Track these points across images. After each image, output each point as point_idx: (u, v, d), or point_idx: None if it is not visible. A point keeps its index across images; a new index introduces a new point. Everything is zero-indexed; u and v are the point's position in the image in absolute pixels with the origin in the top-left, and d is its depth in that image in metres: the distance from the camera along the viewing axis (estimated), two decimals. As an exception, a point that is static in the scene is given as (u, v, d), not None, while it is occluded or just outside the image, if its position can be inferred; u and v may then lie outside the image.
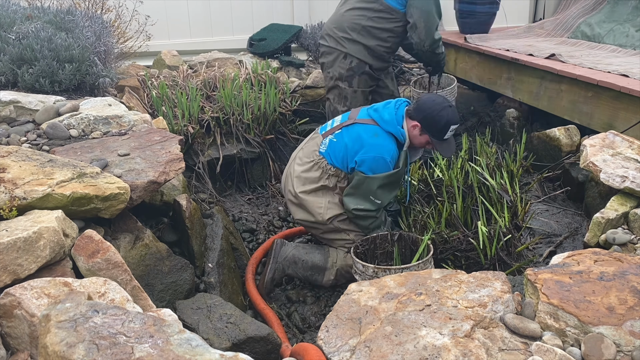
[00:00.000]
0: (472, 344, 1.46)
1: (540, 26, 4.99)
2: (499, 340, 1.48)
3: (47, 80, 3.08)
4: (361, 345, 1.51)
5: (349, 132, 2.81)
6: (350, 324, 1.60)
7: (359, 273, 2.57)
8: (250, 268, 3.01)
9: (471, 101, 4.66)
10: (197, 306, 2.08)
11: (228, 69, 4.43)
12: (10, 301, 1.48)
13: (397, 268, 2.47)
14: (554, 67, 3.48)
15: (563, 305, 1.56)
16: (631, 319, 1.49)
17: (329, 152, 2.82)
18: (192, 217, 2.51)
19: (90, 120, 2.69)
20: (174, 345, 1.21)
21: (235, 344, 1.95)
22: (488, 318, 1.56)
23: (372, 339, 1.52)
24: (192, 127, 3.74)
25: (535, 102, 3.76)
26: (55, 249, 1.67)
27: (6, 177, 1.88)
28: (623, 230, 2.20)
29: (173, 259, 2.24)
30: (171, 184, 2.68)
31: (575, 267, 1.76)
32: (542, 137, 3.37)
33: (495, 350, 1.45)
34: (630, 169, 2.38)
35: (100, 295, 1.56)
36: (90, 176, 2.00)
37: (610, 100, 3.10)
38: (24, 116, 2.81)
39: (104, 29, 3.61)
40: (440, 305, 1.62)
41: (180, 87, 4.05)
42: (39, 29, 3.18)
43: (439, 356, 1.43)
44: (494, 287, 1.67)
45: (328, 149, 2.83)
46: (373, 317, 1.61)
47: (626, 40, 4.16)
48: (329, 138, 2.85)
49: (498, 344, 1.47)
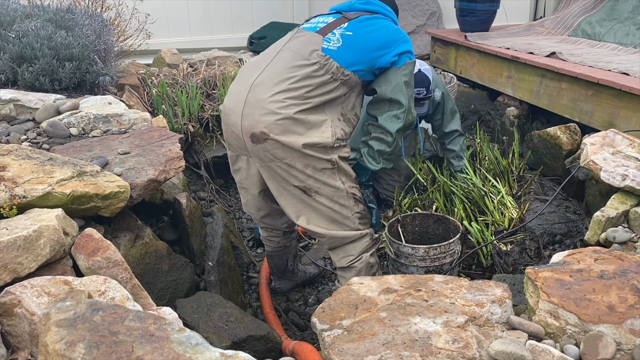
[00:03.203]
0: (464, 333, 1.47)
1: (540, 24, 4.98)
2: (492, 337, 1.49)
3: (47, 78, 3.08)
4: (354, 324, 1.54)
5: (363, 24, 2.27)
6: (347, 308, 1.63)
7: (405, 256, 2.50)
8: (264, 274, 2.95)
9: (471, 99, 4.65)
10: (197, 305, 2.08)
11: (228, 67, 4.43)
12: (11, 300, 1.48)
13: (444, 244, 2.48)
14: (555, 66, 3.48)
15: (563, 304, 1.56)
16: (631, 318, 1.49)
17: (342, 51, 2.19)
18: (192, 215, 2.51)
19: (90, 118, 2.69)
20: (174, 344, 1.21)
21: (236, 343, 1.95)
22: (484, 317, 1.56)
23: (365, 321, 1.55)
24: (192, 126, 3.74)
25: (536, 100, 3.76)
26: (55, 247, 1.67)
27: (6, 176, 1.88)
28: (623, 229, 2.20)
29: (173, 258, 2.24)
30: (171, 183, 2.67)
31: (575, 265, 1.76)
32: (542, 136, 3.37)
33: (487, 344, 1.46)
34: (630, 167, 2.38)
35: (101, 294, 1.56)
36: (91, 175, 2.00)
37: (611, 99, 3.10)
38: (24, 115, 2.81)
39: (104, 27, 3.61)
40: (438, 301, 1.63)
41: (180, 86, 4.05)
42: (39, 27, 3.18)
43: (429, 339, 1.45)
44: (494, 293, 1.67)
45: (343, 46, 2.19)
46: (370, 305, 1.64)
47: (627, 39, 4.15)
48: (340, 32, 2.22)
49: (491, 340, 1.48)
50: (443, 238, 2.72)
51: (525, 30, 4.90)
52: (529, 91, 3.81)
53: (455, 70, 4.68)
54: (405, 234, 2.77)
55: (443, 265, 2.52)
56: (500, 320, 1.58)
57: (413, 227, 2.81)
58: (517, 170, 3.41)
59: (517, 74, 3.92)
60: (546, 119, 3.90)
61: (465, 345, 1.43)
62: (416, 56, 6.31)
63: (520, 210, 2.94)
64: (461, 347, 1.42)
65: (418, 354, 1.39)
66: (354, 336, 1.49)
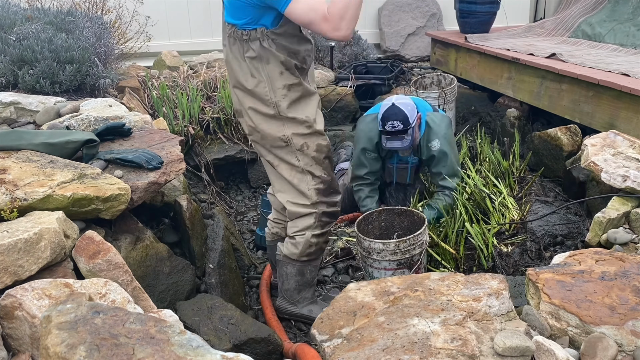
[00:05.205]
0: (462, 331, 1.47)
1: (540, 25, 4.98)
2: (491, 331, 1.49)
3: (48, 81, 3.08)
4: (353, 332, 1.54)
5: None
6: (345, 316, 1.63)
7: (377, 252, 2.57)
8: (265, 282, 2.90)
9: (472, 101, 4.66)
10: (198, 307, 2.08)
11: (228, 69, 4.43)
12: (12, 302, 1.48)
13: (413, 236, 2.54)
14: (555, 67, 3.48)
15: (565, 305, 1.56)
16: (633, 319, 1.49)
17: None
18: (192, 217, 2.51)
19: (91, 121, 2.69)
20: (175, 346, 1.21)
21: (236, 345, 1.95)
22: (482, 312, 1.56)
23: (364, 327, 1.55)
24: (193, 128, 3.74)
25: (536, 101, 3.76)
26: (56, 250, 1.67)
27: (7, 179, 1.88)
28: (624, 230, 2.20)
29: (174, 260, 2.24)
30: (172, 185, 2.67)
31: (576, 266, 1.76)
32: (543, 137, 3.36)
33: (487, 338, 1.46)
34: (631, 168, 2.38)
35: (101, 296, 1.56)
36: (91, 177, 2.00)
37: (611, 100, 3.10)
38: (25, 117, 2.81)
39: (105, 30, 3.61)
40: (435, 300, 1.64)
41: (180, 88, 4.05)
42: (40, 30, 3.19)
43: (428, 340, 1.45)
44: (490, 286, 1.67)
45: None
46: (368, 310, 1.63)
47: (627, 40, 4.15)
48: None
49: (490, 334, 1.48)
50: (409, 230, 2.80)
51: (525, 31, 4.90)
52: (529, 92, 3.81)
53: (455, 72, 4.68)
54: (373, 230, 2.86)
55: (413, 257, 2.60)
56: (499, 313, 1.57)
57: (379, 222, 2.88)
58: (517, 171, 3.41)
59: (517, 75, 3.92)
60: (547, 120, 3.90)
61: (464, 343, 1.43)
62: (417, 58, 6.27)
63: (521, 211, 2.94)
64: (460, 345, 1.42)
65: (418, 356, 1.39)
66: (353, 344, 1.48)
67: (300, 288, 2.59)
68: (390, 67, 5.13)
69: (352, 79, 4.78)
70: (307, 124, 2.25)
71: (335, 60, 5.16)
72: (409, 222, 2.85)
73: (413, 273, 2.60)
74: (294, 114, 2.22)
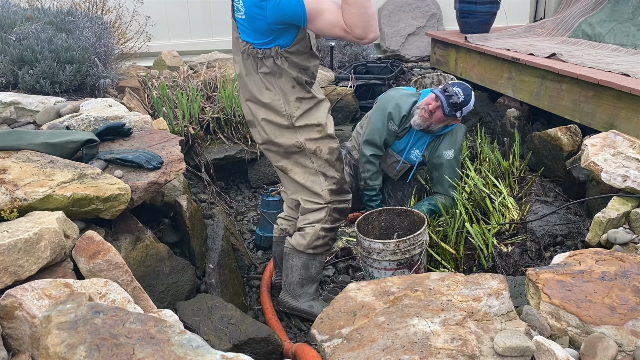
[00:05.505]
0: (462, 331, 1.48)
1: (540, 25, 4.98)
2: (491, 331, 1.49)
3: (48, 81, 3.08)
4: (353, 332, 1.54)
5: None
6: (345, 316, 1.63)
7: (377, 252, 2.58)
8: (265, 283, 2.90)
9: (472, 101, 4.65)
10: (198, 307, 2.08)
11: (228, 69, 4.43)
12: (11, 302, 1.48)
13: (413, 236, 2.56)
14: (555, 67, 3.48)
15: (565, 305, 1.56)
16: (633, 319, 1.49)
17: None
18: (192, 217, 2.51)
19: (91, 121, 2.69)
20: (175, 346, 1.21)
21: (236, 345, 1.95)
22: (482, 312, 1.56)
23: (364, 327, 1.55)
24: (193, 128, 3.74)
25: (536, 101, 3.76)
26: (56, 250, 1.67)
27: (7, 179, 1.88)
28: (624, 230, 2.20)
29: (174, 260, 2.24)
30: (172, 185, 2.67)
31: (576, 266, 1.76)
32: (543, 137, 3.36)
33: (487, 339, 1.46)
34: (631, 168, 2.38)
35: (101, 296, 1.56)
36: (91, 177, 2.00)
37: (611, 100, 3.10)
38: (25, 117, 2.81)
39: (105, 30, 3.61)
40: (435, 299, 1.64)
41: (180, 88, 4.05)
42: (40, 30, 3.19)
43: (428, 340, 1.45)
44: (490, 286, 1.67)
45: None
46: (368, 310, 1.63)
47: (627, 40, 4.15)
48: None
49: (490, 334, 1.48)
50: (409, 230, 2.81)
51: (525, 31, 4.90)
52: (529, 92, 3.81)
53: (455, 72, 4.68)
54: (373, 230, 2.87)
55: (413, 257, 2.61)
56: (499, 313, 1.57)
57: (379, 222, 2.90)
58: (517, 171, 3.41)
59: (517, 75, 3.92)
60: (547, 120, 3.90)
61: (464, 343, 1.43)
62: (417, 58, 6.28)
63: (521, 211, 2.94)
64: (460, 345, 1.42)
65: (417, 356, 1.39)
66: (353, 344, 1.48)
67: (303, 282, 2.62)
68: (391, 67, 5.13)
69: (352, 79, 4.78)
70: (318, 128, 2.37)
71: (336, 60, 5.17)
72: (409, 222, 2.85)
73: (413, 273, 2.60)
74: (306, 121, 2.35)
